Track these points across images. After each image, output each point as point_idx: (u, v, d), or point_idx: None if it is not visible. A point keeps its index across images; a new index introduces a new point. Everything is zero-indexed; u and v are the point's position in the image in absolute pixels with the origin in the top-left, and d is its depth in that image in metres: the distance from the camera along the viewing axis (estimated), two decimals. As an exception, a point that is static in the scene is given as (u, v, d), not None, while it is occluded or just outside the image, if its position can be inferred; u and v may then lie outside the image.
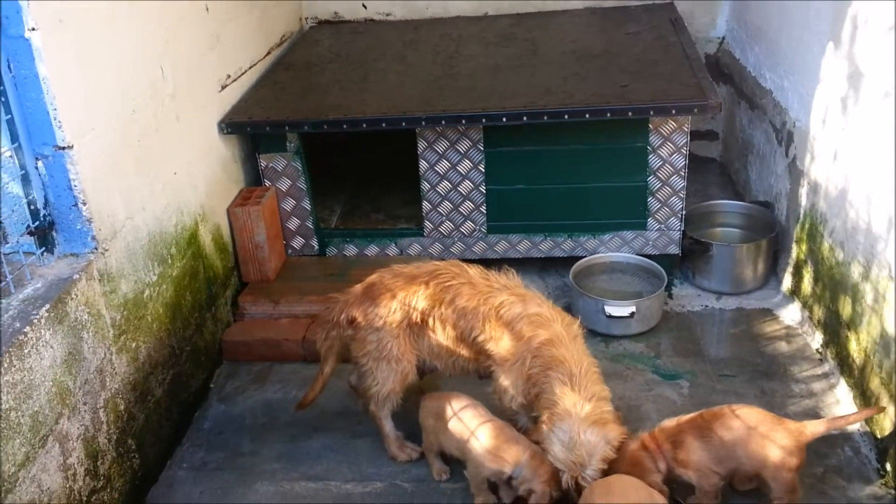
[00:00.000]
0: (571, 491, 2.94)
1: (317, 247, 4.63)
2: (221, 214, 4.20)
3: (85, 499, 2.86)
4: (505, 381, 3.18)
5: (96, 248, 3.01)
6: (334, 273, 4.43)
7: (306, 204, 4.52)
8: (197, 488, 3.35)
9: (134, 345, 3.25)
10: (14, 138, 2.80)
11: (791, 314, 4.16)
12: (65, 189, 2.92)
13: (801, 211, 4.09)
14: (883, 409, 3.11)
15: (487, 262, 3.43)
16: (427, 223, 4.50)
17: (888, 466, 3.13)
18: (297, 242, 4.62)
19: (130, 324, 3.23)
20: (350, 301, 3.34)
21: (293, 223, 4.56)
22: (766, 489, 2.97)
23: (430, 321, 3.25)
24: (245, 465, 3.46)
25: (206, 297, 3.95)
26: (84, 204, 2.95)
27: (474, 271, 3.31)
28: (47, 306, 2.69)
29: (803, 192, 4.08)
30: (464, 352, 3.29)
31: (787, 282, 4.30)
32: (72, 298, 2.82)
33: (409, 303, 3.25)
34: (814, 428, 2.94)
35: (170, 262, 3.58)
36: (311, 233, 4.60)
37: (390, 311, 3.25)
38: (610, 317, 4.04)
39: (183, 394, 3.68)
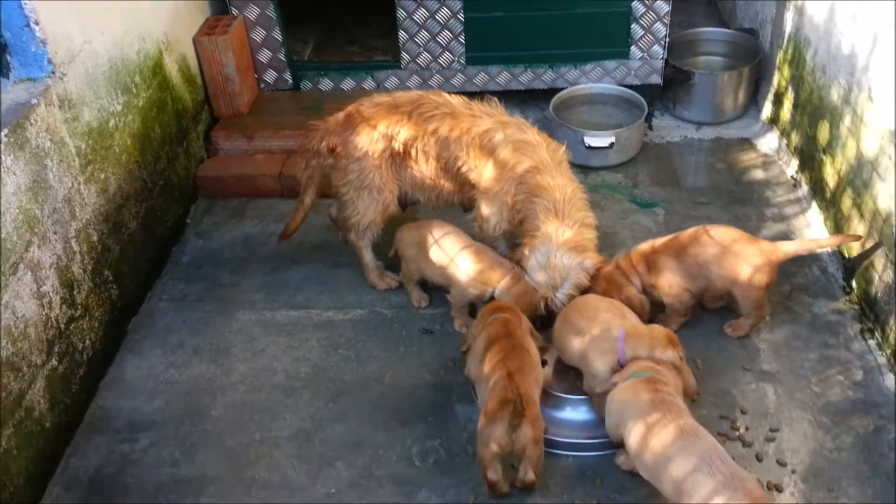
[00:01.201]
0: (542, 312, 3.01)
1: (290, 81, 4.48)
2: (187, 44, 4.02)
3: (63, 326, 2.89)
4: (489, 209, 3.16)
5: (53, 73, 2.88)
6: (309, 107, 4.30)
7: (277, 34, 4.32)
8: (178, 317, 3.39)
9: (103, 176, 3.18)
10: (-47, -50, 2.61)
11: (769, 143, 4.14)
12: (15, 8, 2.75)
13: (786, 36, 3.98)
14: (860, 238, 3.14)
15: (467, 96, 3.33)
16: (404, 55, 4.34)
17: (854, 284, 3.22)
18: (270, 76, 4.46)
19: (97, 154, 3.15)
20: (330, 129, 3.26)
21: (264, 55, 4.38)
22: (735, 306, 3.06)
23: (413, 152, 3.19)
24: (226, 295, 3.50)
25: (177, 131, 3.85)
26: (37, 24, 2.79)
27: (457, 101, 3.22)
28: (6, 131, 2.59)
29: (789, 15, 3.94)
30: (447, 183, 3.25)
31: (766, 110, 4.24)
32: (31, 124, 2.72)
33: (390, 133, 3.17)
34: (786, 248, 2.99)
35: (134, 91, 3.45)
36: (283, 66, 4.43)
37: (371, 140, 3.18)
38: (589, 147, 4.01)
39: (158, 228, 3.65)
